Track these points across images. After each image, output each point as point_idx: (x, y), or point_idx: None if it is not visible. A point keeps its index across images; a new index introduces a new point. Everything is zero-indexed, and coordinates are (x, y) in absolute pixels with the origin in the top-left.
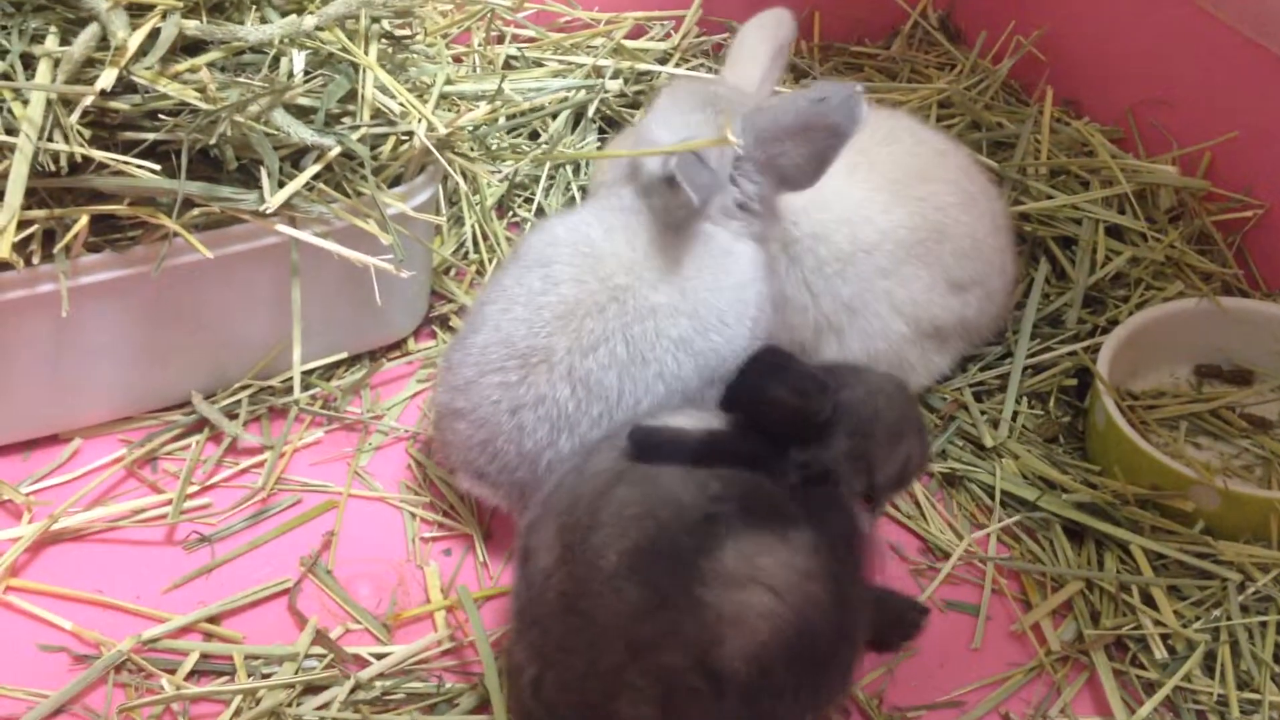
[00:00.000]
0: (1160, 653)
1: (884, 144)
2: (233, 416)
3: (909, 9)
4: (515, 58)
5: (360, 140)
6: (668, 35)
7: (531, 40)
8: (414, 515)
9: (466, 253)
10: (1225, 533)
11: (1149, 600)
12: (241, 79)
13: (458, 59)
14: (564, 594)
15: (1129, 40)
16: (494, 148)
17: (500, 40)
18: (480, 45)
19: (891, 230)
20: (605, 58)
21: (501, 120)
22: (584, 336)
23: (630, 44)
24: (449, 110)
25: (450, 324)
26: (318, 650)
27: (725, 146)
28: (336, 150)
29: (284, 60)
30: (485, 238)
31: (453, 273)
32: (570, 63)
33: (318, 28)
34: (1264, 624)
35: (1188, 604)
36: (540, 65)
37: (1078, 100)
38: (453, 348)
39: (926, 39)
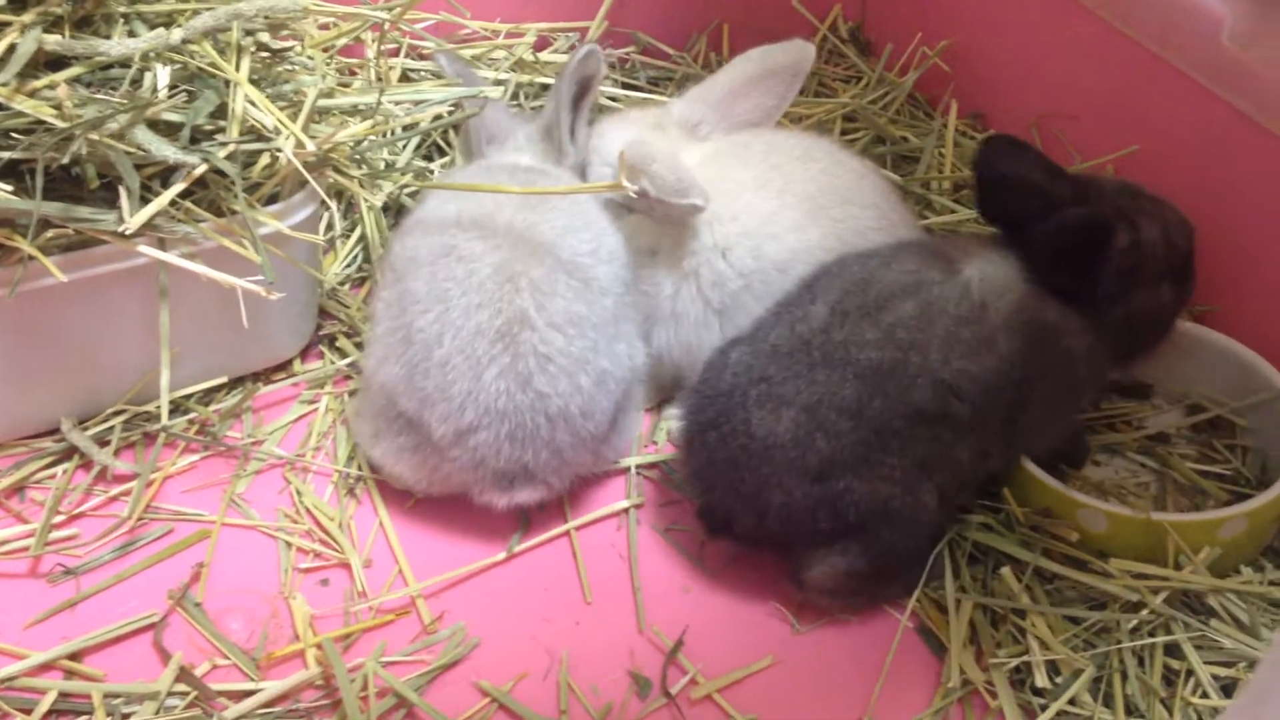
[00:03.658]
0: (1042, 679)
1: (800, 161)
2: (104, 444)
3: (817, 23)
4: (414, 70)
5: (231, 157)
6: (573, 47)
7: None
8: (289, 545)
9: (361, 267)
10: (1117, 555)
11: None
12: (101, 95)
13: (352, 72)
14: None
15: (1034, 53)
16: (374, 165)
17: (396, 53)
18: (373, 58)
19: (805, 249)
20: (507, 71)
21: (399, 132)
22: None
23: (535, 57)
24: (332, 125)
25: (337, 344)
26: (182, 688)
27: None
28: (202, 168)
29: (148, 75)
30: (369, 260)
31: (347, 287)
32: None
33: (185, 41)
34: (1152, 647)
35: (1081, 627)
36: (439, 78)
37: (984, 113)
38: (421, 383)
39: (837, 52)
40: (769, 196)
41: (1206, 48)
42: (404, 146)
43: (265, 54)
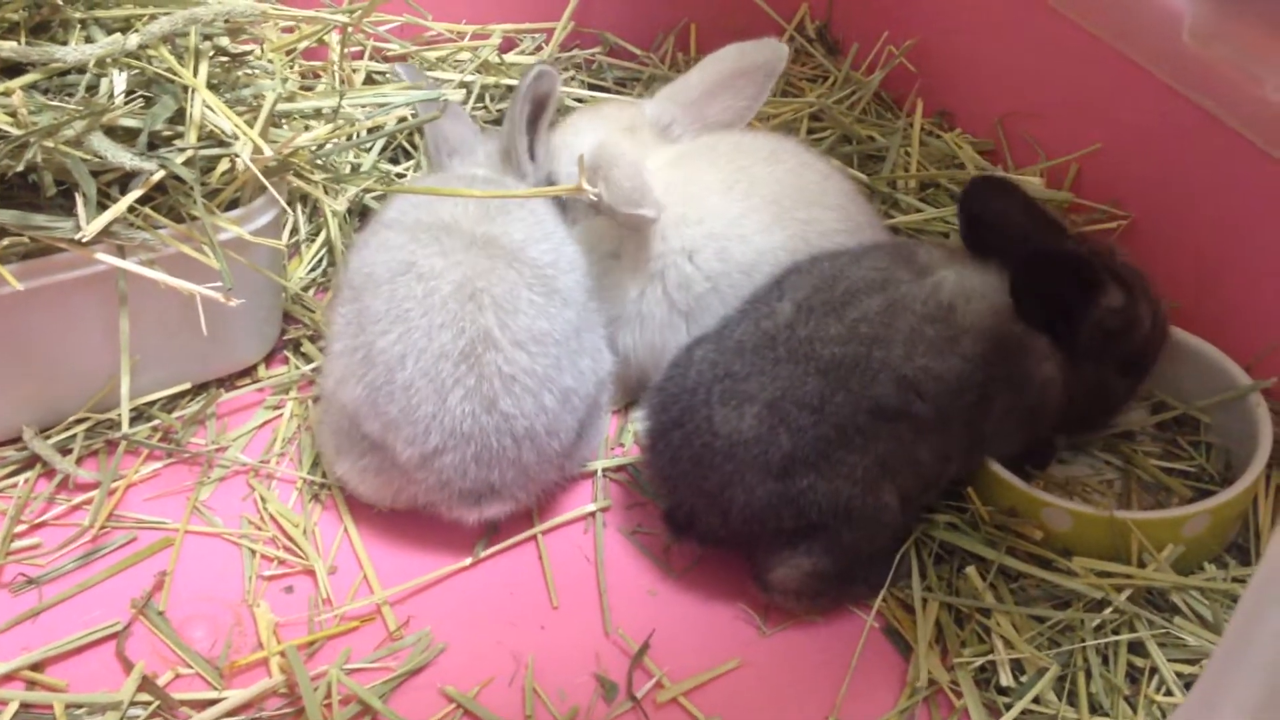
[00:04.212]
0: (1007, 678)
1: (766, 163)
2: (67, 452)
3: (784, 23)
4: (379, 73)
5: (189, 163)
6: (539, 48)
7: (401, 57)
8: (254, 552)
9: (326, 271)
10: (1082, 553)
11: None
12: (56, 102)
13: (316, 75)
14: None
15: (999, 51)
16: (337, 169)
17: (360, 55)
18: (337, 61)
19: (770, 251)
20: (472, 73)
21: (359, 136)
22: (502, 302)
23: (500, 59)
24: (293, 130)
25: (302, 349)
26: (144, 698)
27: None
28: (159, 174)
29: (105, 81)
30: (334, 263)
31: (311, 292)
32: (435, 79)
33: (142, 46)
34: (1115, 645)
35: (1045, 626)
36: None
37: (951, 112)
38: (385, 407)
39: (804, 51)
40: (735, 199)
41: (1167, 45)
42: (369, 149)
43: (224, 58)
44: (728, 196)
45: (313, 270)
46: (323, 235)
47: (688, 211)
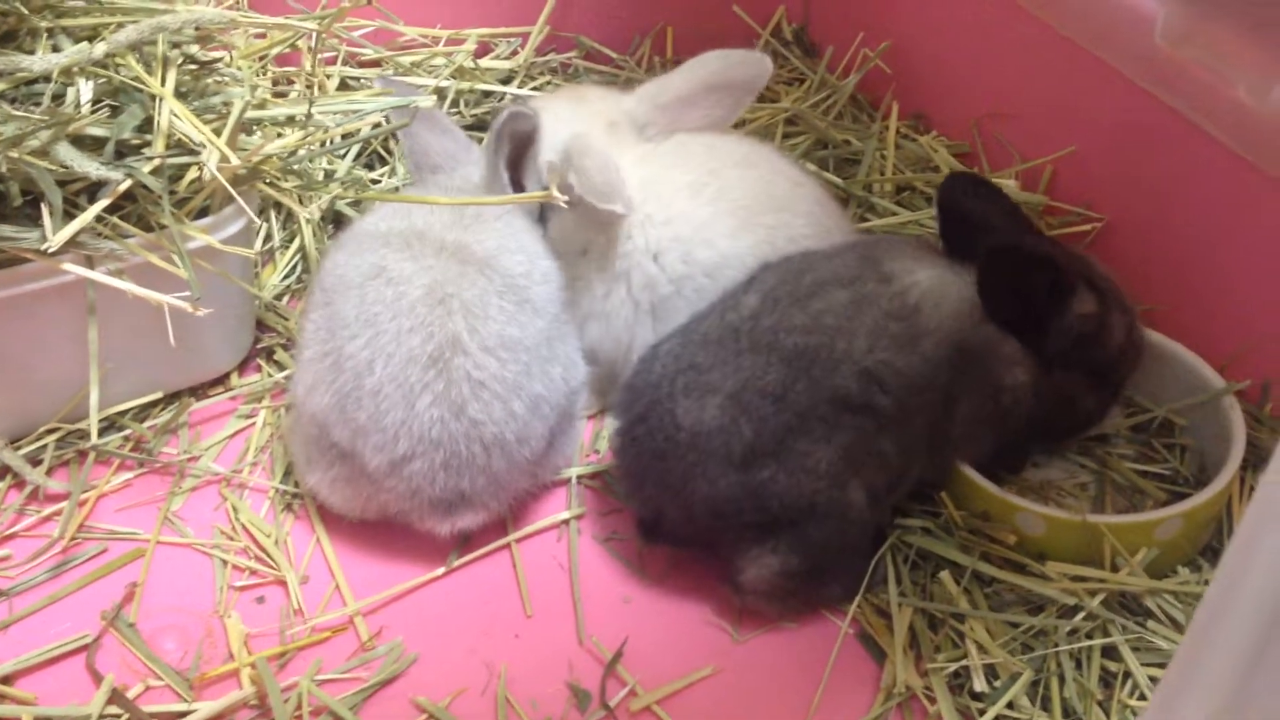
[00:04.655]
0: (980, 683)
1: (737, 167)
2: (37, 463)
3: (759, 29)
4: (353, 78)
5: (157, 172)
6: (514, 53)
7: (375, 63)
8: (225, 563)
9: (300, 277)
10: (1056, 557)
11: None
12: (21, 111)
13: (290, 81)
14: None
15: (974, 53)
16: (310, 175)
17: (334, 61)
18: (309, 67)
19: (737, 256)
20: (447, 78)
21: (330, 143)
22: (471, 307)
23: (475, 64)
24: (264, 137)
25: (275, 357)
26: (114, 710)
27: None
28: (126, 184)
29: (71, 90)
30: (309, 270)
31: (285, 300)
32: (411, 84)
33: (108, 55)
34: (1089, 650)
35: (1019, 631)
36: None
37: (927, 114)
38: (354, 413)
39: (780, 54)
40: (704, 203)
41: (1140, 47)
42: (343, 155)
43: (193, 66)
44: (696, 200)
45: (286, 277)
46: (296, 242)
47: (655, 212)
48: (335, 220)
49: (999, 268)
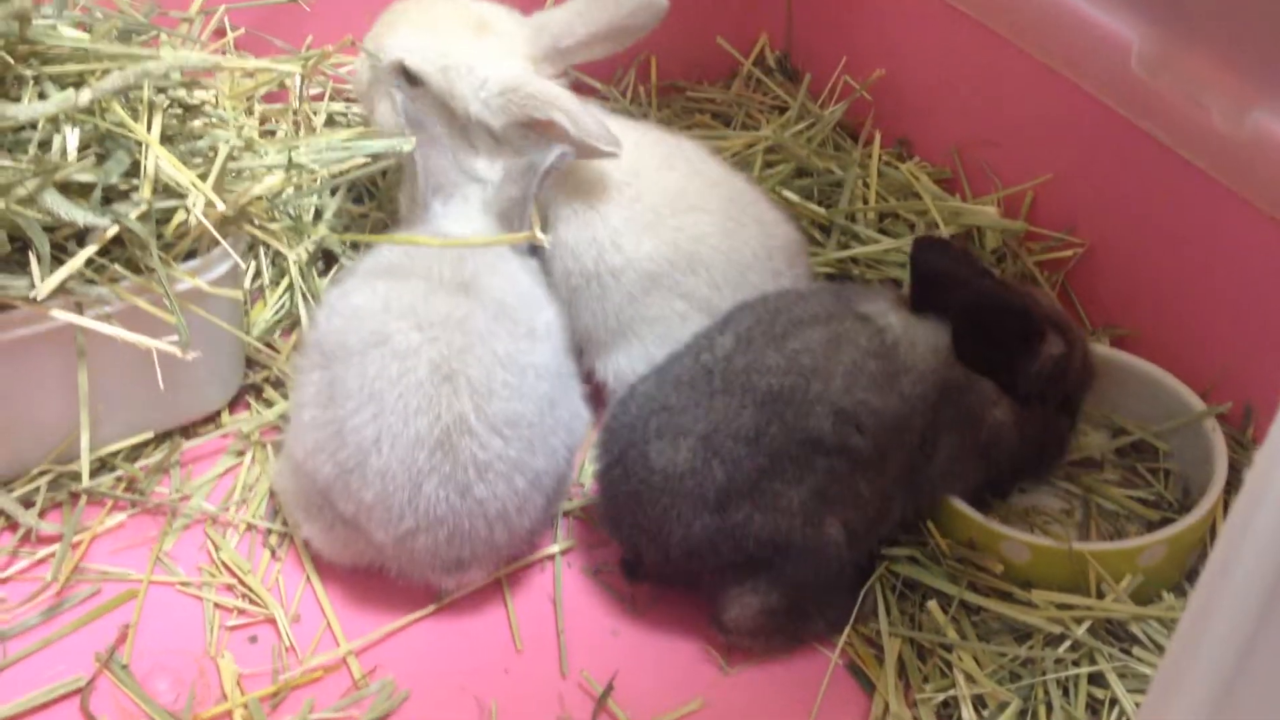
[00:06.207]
0: (969, 713)
1: (658, 170)
2: (30, 505)
3: (741, 58)
4: (340, 114)
5: (144, 217)
6: None
7: None
8: (216, 604)
9: (291, 313)
10: (1042, 584)
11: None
12: (8, 160)
13: (278, 120)
14: None
15: (955, 80)
16: (297, 215)
17: (320, 97)
18: (295, 108)
19: (637, 259)
20: None
21: (325, 177)
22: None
23: None
24: (249, 179)
25: (264, 395)
26: None
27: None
28: (113, 230)
29: (58, 138)
30: (300, 306)
31: (277, 334)
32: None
33: (94, 101)
34: (1076, 678)
35: (1007, 659)
36: (365, 123)
37: (910, 140)
38: (360, 491)
39: (762, 83)
40: (620, 206)
41: (1116, 73)
42: (332, 194)
43: (179, 110)
44: (613, 203)
45: (277, 313)
46: (286, 279)
47: (581, 209)
48: (325, 257)
49: (975, 322)
